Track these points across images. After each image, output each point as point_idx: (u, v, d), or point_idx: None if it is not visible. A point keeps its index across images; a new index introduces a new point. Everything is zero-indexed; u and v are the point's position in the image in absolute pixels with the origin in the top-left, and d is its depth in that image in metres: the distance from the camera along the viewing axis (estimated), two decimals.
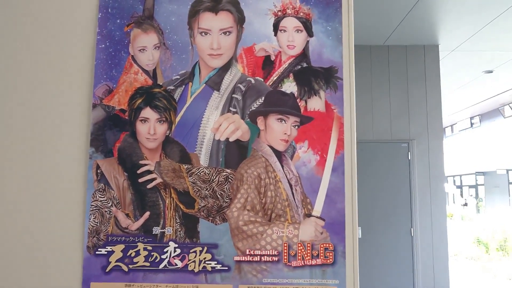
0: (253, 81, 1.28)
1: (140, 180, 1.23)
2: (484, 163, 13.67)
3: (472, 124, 12.94)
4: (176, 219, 1.23)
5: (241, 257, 1.20)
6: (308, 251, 1.20)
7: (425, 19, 4.39)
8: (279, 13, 1.29)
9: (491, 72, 6.28)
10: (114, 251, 1.21)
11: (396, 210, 4.65)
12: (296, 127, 1.25)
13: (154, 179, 1.23)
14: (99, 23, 1.29)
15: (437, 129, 4.90)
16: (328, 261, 1.20)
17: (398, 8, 4.14)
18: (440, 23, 4.49)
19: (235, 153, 1.24)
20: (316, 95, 1.26)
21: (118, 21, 1.29)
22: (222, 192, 1.22)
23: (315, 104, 1.26)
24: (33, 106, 1.27)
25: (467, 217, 14.11)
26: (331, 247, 1.21)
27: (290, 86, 1.27)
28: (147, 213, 1.22)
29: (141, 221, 1.22)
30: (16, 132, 1.26)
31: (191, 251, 1.21)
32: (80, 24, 1.30)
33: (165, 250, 1.21)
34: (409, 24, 4.46)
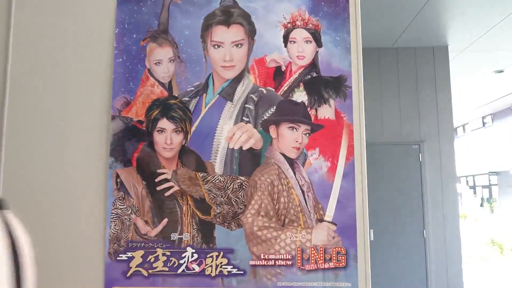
0: (264, 91, 1.32)
1: (158, 188, 1.29)
2: (497, 163, 13.52)
3: (484, 123, 12.82)
4: (193, 225, 1.27)
5: (256, 261, 1.25)
6: (321, 255, 1.24)
7: (434, 21, 4.40)
8: (289, 25, 1.34)
9: (502, 71, 6.24)
10: (134, 257, 1.26)
11: (408, 212, 4.65)
12: (307, 135, 1.29)
13: (171, 187, 1.28)
14: (116, 38, 1.35)
15: (448, 130, 4.88)
16: (341, 264, 1.24)
17: (406, 10, 4.15)
18: (449, 24, 4.49)
19: (248, 161, 1.29)
20: (326, 104, 1.30)
21: (134, 36, 1.35)
22: (237, 199, 1.27)
23: (325, 112, 1.30)
24: (56, 118, 1.33)
25: (480, 218, 13.95)
26: (343, 251, 1.25)
27: (300, 96, 1.32)
28: (165, 220, 1.27)
29: (160, 227, 1.27)
30: (39, 143, 1.32)
31: (208, 256, 1.26)
32: (98, 40, 1.36)
33: (183, 255, 1.26)
34: (418, 25, 4.47)
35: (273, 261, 1.24)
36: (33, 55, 1.35)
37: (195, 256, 1.26)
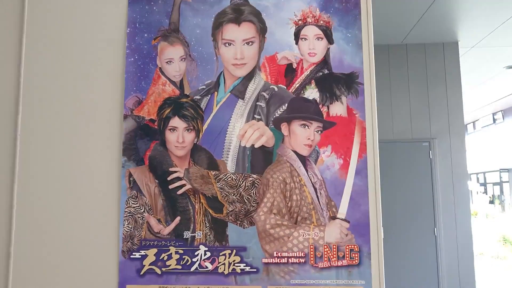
0: (276, 88, 1.32)
1: (171, 186, 1.29)
2: (508, 160, 13.38)
3: (494, 120, 12.68)
4: (205, 223, 1.28)
5: (269, 259, 1.25)
6: (334, 253, 1.24)
7: (443, 16, 4.35)
8: (300, 22, 1.33)
9: None
10: (147, 255, 1.27)
11: (419, 209, 4.62)
12: (319, 132, 1.28)
13: (183, 185, 1.29)
14: (128, 38, 1.35)
15: (459, 126, 4.84)
16: (354, 262, 1.24)
17: (416, 6, 4.12)
18: (459, 19, 4.44)
19: (260, 158, 1.29)
20: (338, 101, 1.30)
21: (145, 35, 1.35)
22: (249, 197, 1.27)
23: (337, 109, 1.30)
24: (68, 118, 1.34)
25: (491, 215, 13.82)
26: (356, 248, 1.24)
27: (312, 93, 1.31)
28: (178, 218, 1.28)
29: (172, 226, 1.28)
30: (52, 144, 1.33)
31: (220, 254, 1.26)
32: (110, 40, 1.37)
33: (196, 253, 1.26)
34: (427, 21, 4.43)
35: (286, 259, 1.24)
36: (46, 55, 1.37)
37: (208, 254, 1.26)
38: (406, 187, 4.65)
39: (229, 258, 1.26)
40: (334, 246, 1.24)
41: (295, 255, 1.24)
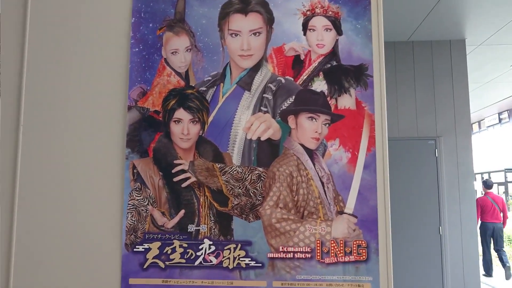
0: (283, 80, 1.29)
1: (175, 179, 1.27)
2: None
3: (500, 119, 12.59)
4: (210, 217, 1.25)
5: (274, 254, 1.22)
6: (341, 248, 1.21)
7: (451, 13, 4.30)
8: (308, 13, 1.30)
9: None
10: (151, 248, 1.25)
11: (424, 208, 4.58)
12: (327, 125, 1.26)
13: (188, 178, 1.26)
14: (132, 28, 1.33)
15: (465, 125, 4.79)
16: (361, 258, 1.21)
17: (423, 3, 4.07)
18: (467, 17, 4.39)
19: (267, 151, 1.26)
20: (346, 93, 1.27)
21: (150, 25, 1.33)
22: (255, 190, 1.24)
23: (346, 102, 1.27)
24: (72, 109, 1.32)
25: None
26: (364, 244, 1.21)
27: (320, 85, 1.28)
28: (182, 211, 1.26)
29: (177, 219, 1.26)
30: (55, 135, 1.31)
31: (225, 248, 1.24)
32: (114, 29, 1.34)
33: (200, 247, 1.24)
34: (434, 19, 4.38)
35: (291, 253, 1.22)
36: (50, 46, 1.34)
37: (213, 248, 1.24)
38: (412, 185, 4.62)
39: (234, 252, 1.24)
40: (341, 242, 1.22)
41: (301, 250, 1.22)
